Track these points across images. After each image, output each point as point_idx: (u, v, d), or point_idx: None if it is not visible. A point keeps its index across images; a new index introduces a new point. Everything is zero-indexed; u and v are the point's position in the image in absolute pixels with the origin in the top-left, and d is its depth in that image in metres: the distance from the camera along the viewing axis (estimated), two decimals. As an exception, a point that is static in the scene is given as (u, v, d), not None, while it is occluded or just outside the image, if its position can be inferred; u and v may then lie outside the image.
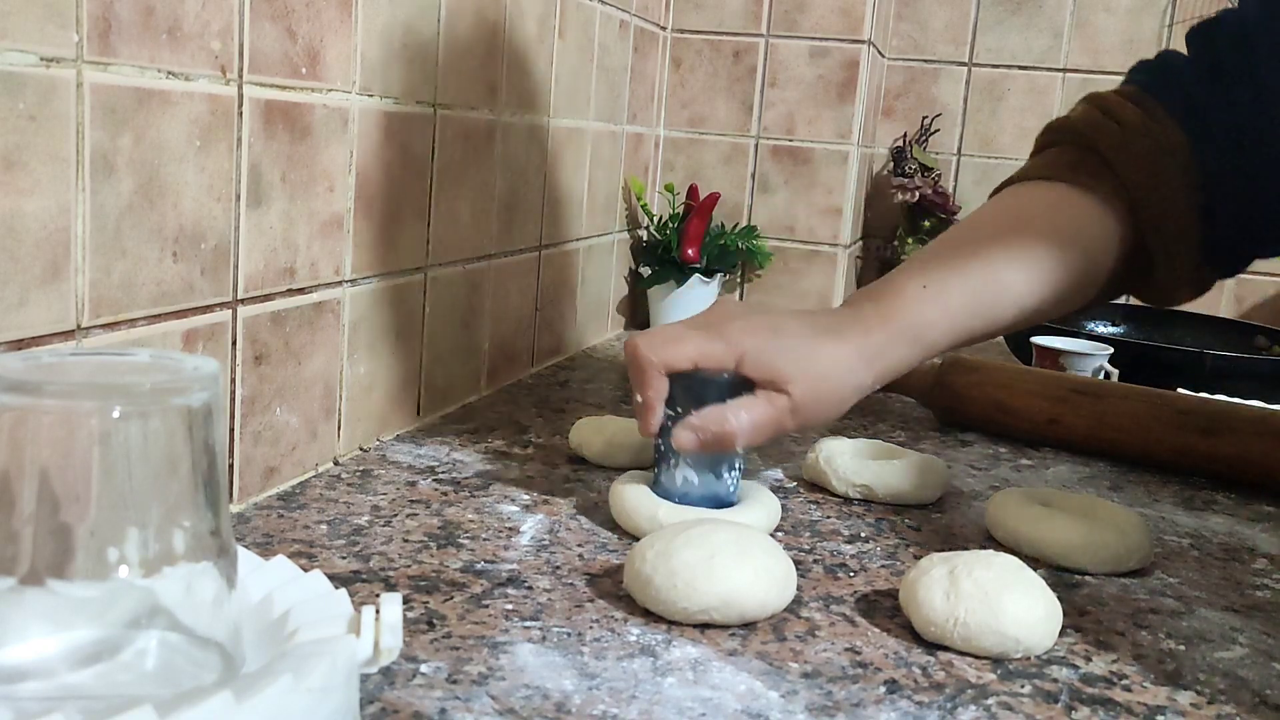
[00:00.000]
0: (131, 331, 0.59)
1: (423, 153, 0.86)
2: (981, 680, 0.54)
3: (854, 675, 0.53)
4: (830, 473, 0.81)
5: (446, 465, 0.80)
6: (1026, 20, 1.63)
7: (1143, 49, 1.58)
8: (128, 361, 0.44)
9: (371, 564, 0.61)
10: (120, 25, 0.55)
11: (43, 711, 0.34)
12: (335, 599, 0.46)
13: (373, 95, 0.78)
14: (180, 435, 0.40)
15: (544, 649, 0.53)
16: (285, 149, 0.69)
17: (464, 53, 0.90)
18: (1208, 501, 0.87)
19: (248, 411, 0.69)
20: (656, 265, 1.41)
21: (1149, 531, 0.72)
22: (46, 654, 0.40)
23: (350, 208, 0.77)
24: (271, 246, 0.69)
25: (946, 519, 0.78)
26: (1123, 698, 0.53)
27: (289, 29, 0.68)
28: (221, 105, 0.63)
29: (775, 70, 1.45)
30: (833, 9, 1.42)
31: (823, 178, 1.46)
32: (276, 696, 0.37)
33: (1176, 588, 0.68)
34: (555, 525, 0.70)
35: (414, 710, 0.46)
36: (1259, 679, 0.56)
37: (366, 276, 0.80)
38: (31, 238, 0.52)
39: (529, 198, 1.08)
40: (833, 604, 0.61)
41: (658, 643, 0.54)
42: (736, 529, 0.60)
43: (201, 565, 0.41)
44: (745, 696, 0.50)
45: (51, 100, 0.52)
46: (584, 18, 1.16)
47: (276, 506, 0.69)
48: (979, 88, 1.67)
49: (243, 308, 0.67)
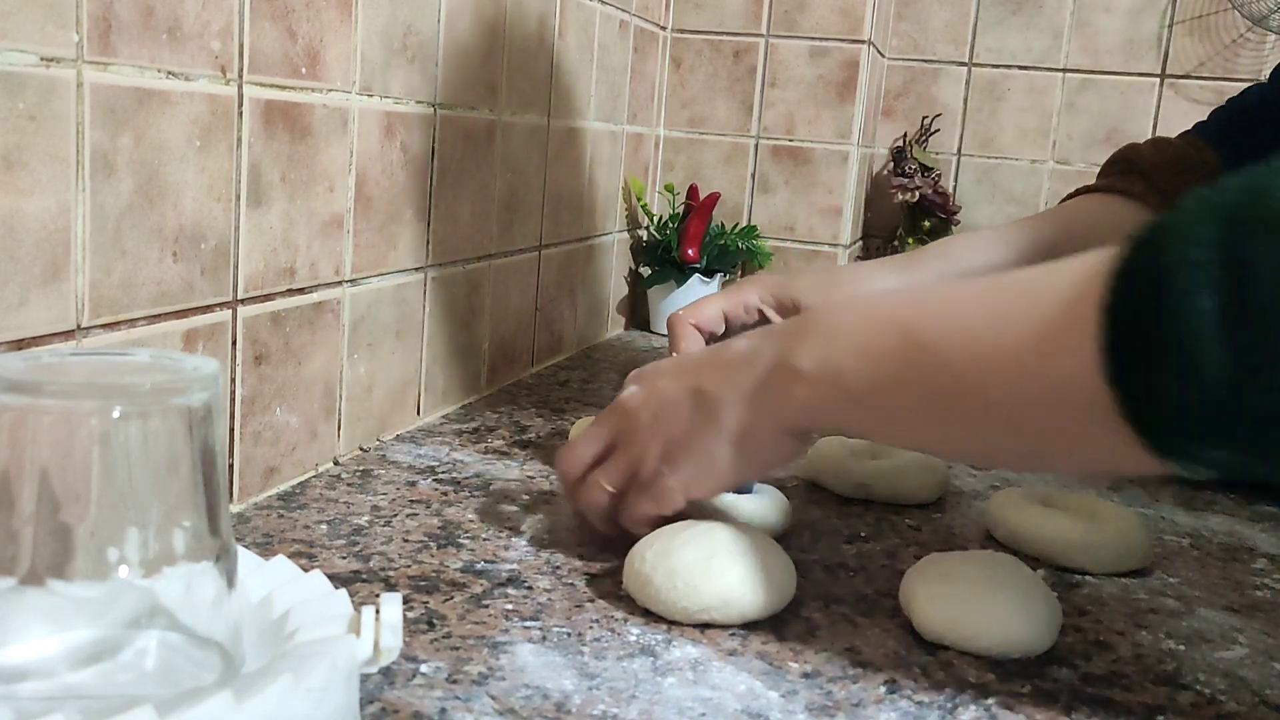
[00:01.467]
0: (131, 331, 0.59)
1: (423, 153, 0.86)
2: (981, 680, 0.54)
3: (854, 675, 0.53)
4: (830, 472, 0.81)
5: (446, 465, 0.80)
6: (1026, 20, 1.63)
7: (1143, 49, 1.58)
8: (128, 361, 0.44)
9: (371, 564, 0.61)
10: (120, 25, 0.55)
11: (43, 711, 0.34)
12: (335, 599, 0.46)
13: (373, 95, 0.78)
14: (180, 435, 0.40)
15: (544, 649, 0.53)
16: (285, 149, 0.69)
17: (464, 53, 0.90)
18: (1208, 501, 0.87)
19: (248, 411, 0.69)
20: (656, 265, 1.41)
21: (1149, 531, 0.72)
22: (46, 654, 0.40)
23: (350, 208, 0.77)
24: (271, 246, 0.69)
25: (946, 519, 0.78)
26: (1123, 698, 0.53)
27: (289, 29, 0.68)
28: (221, 105, 0.63)
29: (775, 70, 1.45)
30: (833, 9, 1.42)
31: (823, 178, 1.46)
32: (276, 696, 0.37)
33: (1176, 588, 0.68)
34: (555, 525, 0.70)
35: (414, 710, 0.46)
36: (1259, 679, 0.56)
37: (366, 276, 0.80)
38: (31, 238, 0.52)
39: (529, 198, 1.08)
40: (833, 604, 0.61)
41: (658, 643, 0.54)
42: (736, 529, 0.60)
43: (201, 565, 0.41)
44: (745, 696, 0.50)
45: (51, 100, 0.52)
46: (584, 18, 1.16)
47: (276, 506, 0.69)
48: (979, 88, 1.67)
49: (243, 308, 0.67)
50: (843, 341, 0.55)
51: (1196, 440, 0.42)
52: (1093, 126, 1.62)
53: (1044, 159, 1.65)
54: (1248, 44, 1.54)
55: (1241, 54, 1.55)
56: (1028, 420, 0.48)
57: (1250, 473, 0.43)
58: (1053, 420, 0.47)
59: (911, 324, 0.52)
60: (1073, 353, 0.44)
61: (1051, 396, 0.46)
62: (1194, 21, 1.56)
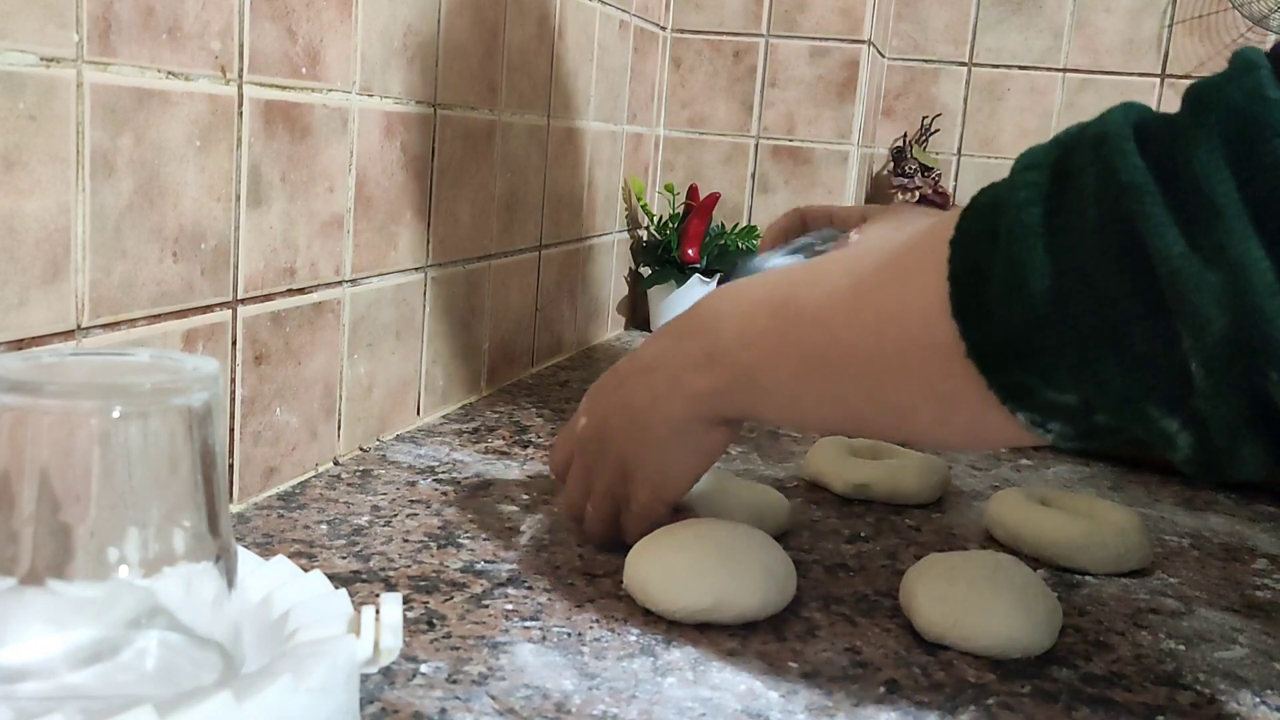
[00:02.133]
0: (131, 331, 0.59)
1: (423, 153, 0.86)
2: (981, 680, 0.54)
3: (854, 675, 0.53)
4: (830, 472, 0.81)
5: (446, 465, 0.80)
6: (1026, 20, 1.63)
7: (1143, 49, 1.58)
8: (128, 361, 0.44)
9: (371, 564, 0.61)
10: (120, 25, 0.55)
11: (43, 711, 0.34)
12: (335, 599, 0.46)
13: (373, 95, 0.78)
14: (180, 435, 0.40)
15: (544, 649, 0.53)
16: (285, 149, 0.69)
17: (464, 53, 0.90)
18: (1208, 501, 0.87)
19: (248, 411, 0.69)
20: (656, 265, 1.41)
21: (1149, 531, 0.72)
22: (46, 654, 0.40)
23: (350, 208, 0.77)
24: (271, 246, 0.69)
25: (946, 519, 0.78)
26: (1123, 698, 0.53)
27: (289, 29, 0.68)
28: (221, 105, 0.63)
29: (775, 70, 1.45)
30: (833, 9, 1.42)
31: (823, 178, 1.46)
32: (276, 696, 0.37)
33: (1176, 588, 0.68)
34: (555, 525, 0.70)
35: (414, 710, 0.46)
36: (1259, 679, 0.56)
37: (366, 276, 0.80)
38: (31, 238, 0.52)
39: (529, 198, 1.08)
40: (833, 604, 0.61)
41: (658, 643, 0.54)
42: (736, 529, 0.60)
43: (201, 565, 0.41)
44: (745, 696, 0.50)
45: (51, 100, 0.52)
46: (584, 18, 1.16)
47: (276, 506, 0.69)
48: (979, 88, 1.67)
49: (243, 308, 0.67)
50: (727, 326, 0.57)
51: (1028, 370, 0.42)
52: (1093, 126, 1.62)
53: (1044, 159, 1.64)
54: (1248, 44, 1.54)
55: (1241, 54, 1.55)
56: (890, 375, 0.48)
57: (1095, 428, 0.43)
58: (913, 372, 0.47)
59: (782, 298, 0.55)
60: (924, 292, 0.45)
61: (908, 345, 0.46)
62: (1194, 21, 1.56)
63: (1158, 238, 0.37)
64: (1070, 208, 0.40)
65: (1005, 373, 0.43)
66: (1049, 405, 0.43)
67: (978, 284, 0.43)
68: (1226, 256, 0.36)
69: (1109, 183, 0.39)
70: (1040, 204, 0.41)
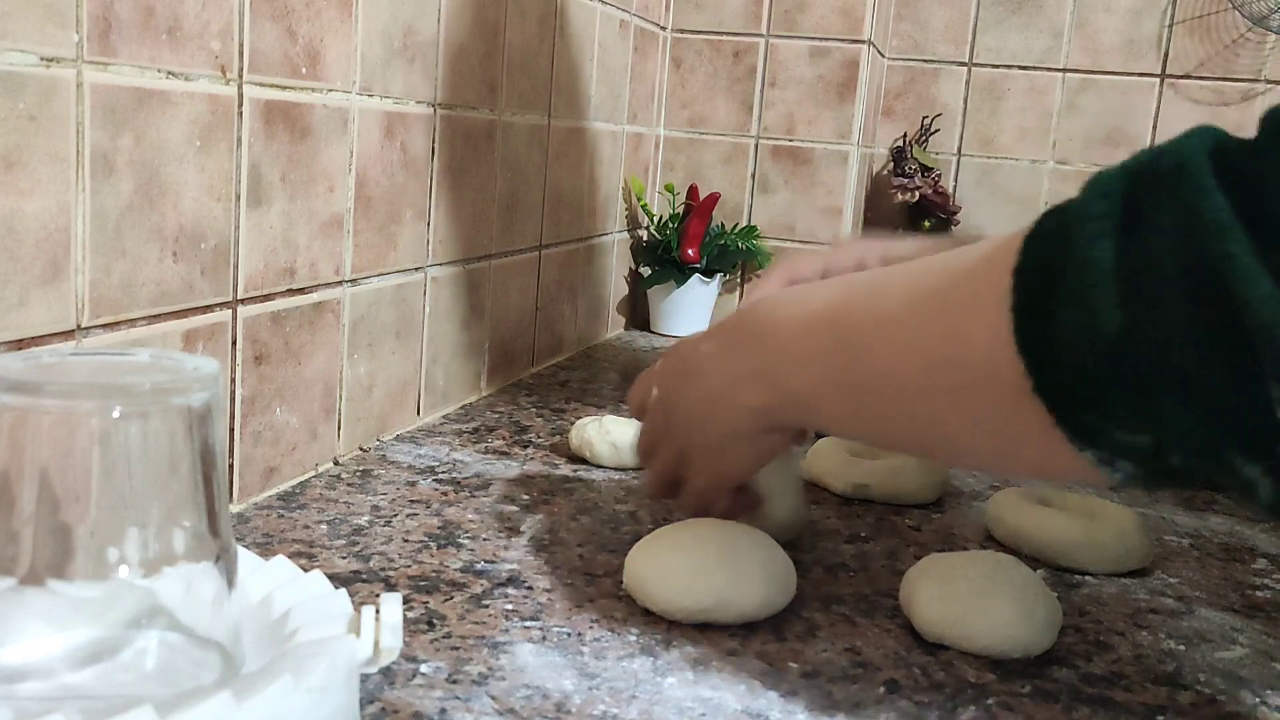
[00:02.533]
0: (131, 331, 0.59)
1: (423, 153, 0.86)
2: (981, 680, 0.54)
3: (854, 675, 0.53)
4: (830, 472, 0.81)
5: (446, 465, 0.80)
6: (1026, 20, 1.63)
7: (1143, 49, 1.58)
8: (128, 361, 0.44)
9: (371, 564, 0.61)
10: (120, 25, 0.55)
11: (43, 711, 0.34)
12: (335, 599, 0.46)
13: (373, 95, 0.78)
14: (180, 435, 0.40)
15: (544, 649, 0.53)
16: (285, 149, 0.69)
17: (464, 53, 0.90)
18: (1208, 501, 0.87)
19: (248, 411, 0.69)
20: (656, 265, 1.41)
21: (1149, 531, 0.72)
22: (46, 654, 0.40)
23: (350, 208, 0.77)
24: (271, 246, 0.69)
25: (946, 519, 0.78)
26: (1123, 698, 0.53)
27: (289, 29, 0.68)
28: (221, 105, 0.63)
29: (775, 70, 1.45)
30: (833, 9, 1.42)
31: (823, 178, 1.46)
32: (276, 696, 0.37)
33: (1176, 588, 0.68)
34: (555, 525, 0.70)
35: (414, 710, 0.46)
36: (1259, 679, 0.56)
37: (366, 276, 0.80)
38: (31, 238, 0.52)
39: (529, 198, 1.08)
40: (833, 604, 0.61)
41: (657, 643, 0.54)
42: (736, 529, 0.60)
43: (201, 565, 0.41)
44: (745, 696, 0.50)
45: (51, 100, 0.52)
46: (584, 18, 1.16)
47: (276, 506, 0.69)
48: (979, 88, 1.67)
49: (243, 308, 0.67)
50: (780, 343, 0.56)
51: (1096, 408, 0.40)
52: (1093, 126, 1.62)
53: (1044, 159, 1.64)
54: (1248, 44, 1.54)
55: (1241, 54, 1.55)
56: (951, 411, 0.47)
57: (1168, 469, 0.41)
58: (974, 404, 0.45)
59: (836, 319, 0.53)
60: (987, 324, 0.43)
61: (971, 377, 0.44)
62: (1194, 21, 1.56)
63: (1246, 284, 0.35)
64: (1146, 247, 0.38)
65: (1073, 412, 0.41)
66: (1119, 446, 0.41)
67: (1044, 321, 0.41)
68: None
69: (1191, 225, 0.36)
70: (1111, 238, 0.39)
